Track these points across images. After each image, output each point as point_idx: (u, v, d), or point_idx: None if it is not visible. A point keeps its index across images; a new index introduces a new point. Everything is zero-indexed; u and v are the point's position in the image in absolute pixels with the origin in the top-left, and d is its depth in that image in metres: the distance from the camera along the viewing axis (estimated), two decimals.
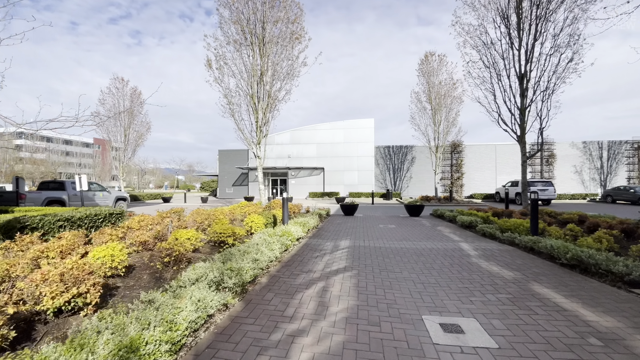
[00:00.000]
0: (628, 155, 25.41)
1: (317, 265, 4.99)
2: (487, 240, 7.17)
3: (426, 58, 23.29)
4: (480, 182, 27.36)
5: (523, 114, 10.69)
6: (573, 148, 26.03)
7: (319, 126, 29.45)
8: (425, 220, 11.33)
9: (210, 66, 12.38)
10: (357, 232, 8.67)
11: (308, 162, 29.24)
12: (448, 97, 22.40)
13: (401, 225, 10.20)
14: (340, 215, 13.32)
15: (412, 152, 28.77)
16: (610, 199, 22.35)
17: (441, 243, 6.85)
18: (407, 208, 12.93)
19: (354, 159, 28.67)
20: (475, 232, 8.43)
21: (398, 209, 17.22)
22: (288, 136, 29.85)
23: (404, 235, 8.08)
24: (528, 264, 4.97)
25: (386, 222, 10.87)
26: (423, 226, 9.86)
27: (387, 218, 12.32)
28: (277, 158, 29.91)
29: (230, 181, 31.85)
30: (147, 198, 28.98)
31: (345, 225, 10.05)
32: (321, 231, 8.70)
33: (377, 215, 13.40)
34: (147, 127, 30.23)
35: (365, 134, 28.47)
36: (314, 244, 6.69)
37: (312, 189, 29.20)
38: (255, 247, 4.82)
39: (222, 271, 3.54)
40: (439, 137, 22.87)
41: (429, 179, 27.90)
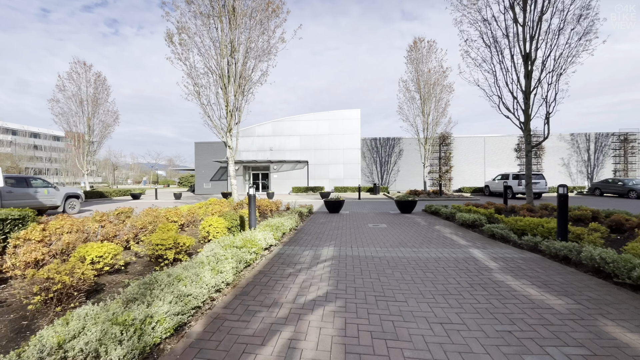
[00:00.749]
0: (614, 147, 25.25)
1: (286, 292, 3.53)
2: (499, 245, 5.92)
3: (415, 44, 22.02)
4: (469, 176, 26.64)
5: (528, 97, 9.53)
6: (561, 140, 25.63)
7: (303, 117, 27.82)
8: (419, 218, 10.08)
9: (171, 40, 10.55)
10: (343, 234, 7.27)
11: (291, 155, 27.62)
12: (438, 85, 21.27)
13: (393, 224, 8.88)
14: (324, 213, 11.91)
15: (400, 144, 27.67)
16: (598, 192, 22.03)
17: (447, 249, 5.53)
18: (398, 204, 11.66)
19: (339, 151, 27.27)
20: (481, 233, 7.19)
21: (387, 205, 16.00)
22: (269, 127, 28.06)
23: (399, 238, 6.73)
24: (573, 283, 3.70)
25: (376, 221, 9.54)
26: (418, 225, 8.58)
27: (376, 215, 11.01)
28: (258, 151, 28.12)
29: (208, 176, 29.82)
30: (116, 194, 26.60)
31: (329, 226, 8.64)
32: (300, 234, 7.24)
33: (365, 212, 12.08)
34: (115, 117, 27.68)
35: (351, 125, 27.08)
36: (288, 255, 5.22)
37: (295, 183, 27.66)
38: (195, 269, 3.30)
39: (108, 329, 2.01)
40: (428, 128, 21.77)
41: (417, 172, 26.92)
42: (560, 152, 25.61)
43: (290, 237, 6.87)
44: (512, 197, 20.09)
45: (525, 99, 9.59)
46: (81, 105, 25.84)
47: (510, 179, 20.36)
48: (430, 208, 11.24)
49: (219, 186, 29.57)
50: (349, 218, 10.33)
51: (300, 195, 24.83)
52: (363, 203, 17.32)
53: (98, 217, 6.10)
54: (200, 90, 10.66)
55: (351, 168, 27.15)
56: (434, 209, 10.96)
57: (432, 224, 8.72)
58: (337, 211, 11.93)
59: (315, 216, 10.87)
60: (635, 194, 19.20)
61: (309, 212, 11.27)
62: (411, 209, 11.54)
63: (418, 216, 10.60)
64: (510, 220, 6.90)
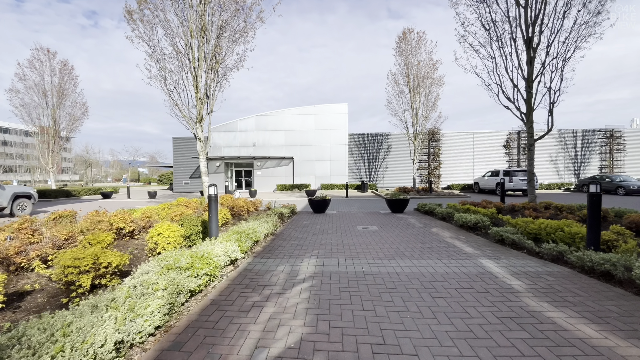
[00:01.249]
0: (600, 144, 25.26)
1: (241, 341, 2.41)
2: (513, 253, 4.99)
3: (404, 35, 21.12)
4: (458, 172, 26.12)
5: (530, 86, 8.70)
6: (549, 136, 25.39)
7: (287, 111, 26.55)
8: (413, 219, 9.15)
9: (132, 17, 9.14)
10: (328, 240, 6.20)
11: (275, 151, 26.35)
12: (427, 78, 20.47)
13: (385, 226, 7.89)
14: (308, 213, 10.82)
15: (388, 140, 26.84)
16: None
17: (454, 261, 4.54)
18: (388, 203, 10.70)
19: (326, 147, 26.20)
20: (485, 237, 6.29)
21: (376, 203, 15.07)
22: (253, 122, 26.65)
23: (394, 244, 5.72)
24: (635, 314, 2.75)
25: (365, 222, 8.53)
26: (413, 228, 7.62)
27: (365, 215, 10.01)
28: (240, 146, 26.68)
29: (187, 173, 28.16)
30: (85, 193, 24.60)
31: (313, 229, 7.55)
32: (278, 241, 6.12)
33: (353, 212, 11.06)
34: (84, 110, 25.58)
35: (338, 120, 26.04)
36: (257, 272, 4.10)
37: (280, 180, 26.43)
38: (94, 315, 2.14)
39: None
40: (417, 122, 20.97)
41: (406, 169, 26.20)
42: (548, 149, 25.44)
43: (266, 245, 5.74)
44: None
45: (527, 88, 8.75)
46: (44, 97, 23.65)
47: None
48: (424, 207, 10.34)
49: (199, 184, 27.94)
50: (336, 219, 9.28)
51: (285, 194, 23.64)
52: (351, 201, 16.33)
53: (17, 224, 4.78)
54: (166, 75, 9.31)
55: (338, 165, 26.14)
56: (427, 208, 10.06)
57: (428, 226, 7.77)
58: (322, 211, 10.87)
59: (298, 217, 9.77)
60: (623, 191, 19.05)
61: (291, 213, 10.15)
62: (403, 208, 10.60)
63: (411, 216, 9.66)
64: (519, 222, 6.01)
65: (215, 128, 26.88)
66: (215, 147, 26.85)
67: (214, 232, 4.62)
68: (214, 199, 4.65)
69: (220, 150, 26.79)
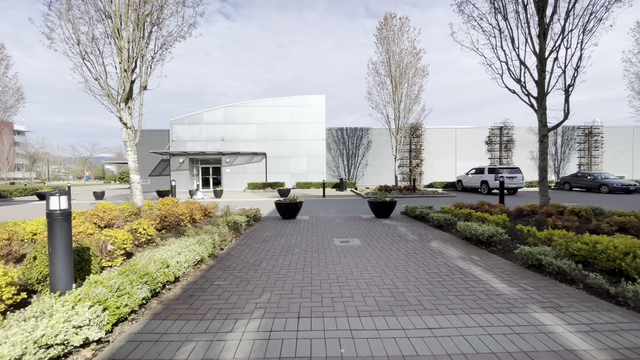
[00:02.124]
0: (579, 141, 25.06)
1: None
2: (571, 293, 3.26)
3: (386, 21, 19.45)
4: (439, 170, 25.02)
5: (543, 63, 7.14)
6: (530, 133, 24.89)
7: (259, 102, 24.21)
8: (402, 226, 7.38)
9: None
10: (291, 268, 4.23)
11: (246, 147, 23.97)
12: (410, 68, 18.96)
13: (370, 238, 6.04)
14: (276, 219, 8.79)
15: (369, 135, 25.23)
16: (568, 186, 21.39)
17: (493, 318, 2.73)
18: (372, 206, 8.90)
19: (302, 142, 24.16)
20: (505, 257, 4.60)
21: (356, 204, 13.29)
22: (220, 114, 24.08)
23: (387, 273, 3.86)
24: None
25: (345, 232, 6.66)
26: (406, 241, 5.83)
27: (345, 222, 8.15)
28: (207, 141, 24.04)
29: (146, 170, 25.10)
30: (20, 194, 21.05)
31: (274, 246, 5.56)
32: (214, 272, 4.06)
33: (330, 217, 9.16)
34: (18, 97, 21.88)
35: (315, 113, 24.07)
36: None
37: (251, 179, 24.11)
38: None
39: None
40: (399, 116, 19.44)
41: (387, 166, 24.73)
42: (530, 145, 24.91)
43: (190, 282, 3.67)
44: (488, 192, 18.52)
45: (539, 66, 7.19)
46: None
47: (486, 173, 18.79)
48: (414, 211, 8.64)
49: (160, 182, 25.02)
50: (308, 228, 7.33)
51: (256, 193, 21.41)
52: (328, 202, 14.46)
53: None
54: (80, 38, 6.89)
55: (315, 161, 24.21)
56: (418, 212, 8.36)
57: (424, 238, 6.01)
58: (292, 216, 8.88)
59: (261, 225, 7.72)
60: (606, 189, 18.53)
61: (253, 219, 8.09)
62: (389, 212, 8.85)
63: (399, 223, 7.90)
64: (556, 238, 4.35)
65: (178, 120, 24.05)
66: (178, 142, 24.04)
67: (61, 283, 2.49)
68: (59, 220, 2.49)
69: (183, 145, 24.01)
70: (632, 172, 24.77)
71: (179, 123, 24.03)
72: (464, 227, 5.74)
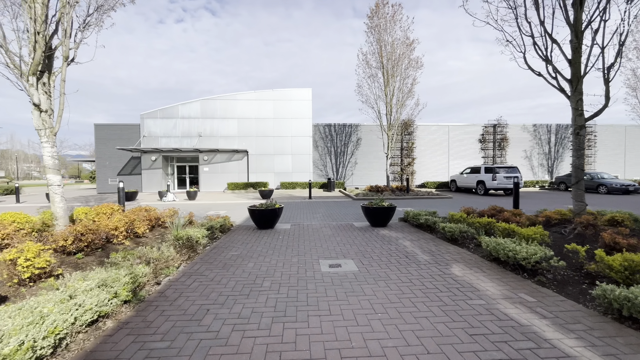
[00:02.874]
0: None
1: None
2: None
3: (377, 7, 17.98)
4: (431, 169, 23.86)
5: (579, 38, 5.77)
6: (524, 131, 24.08)
7: (240, 95, 22.33)
8: (406, 240, 5.89)
9: None
10: (251, 324, 2.61)
11: (226, 143, 22.07)
12: (404, 58, 17.58)
13: (369, 259, 4.50)
14: (250, 229, 7.12)
15: (358, 132, 23.77)
16: (563, 186, 20.60)
17: None
18: (367, 213, 7.37)
19: (286, 139, 22.45)
20: (559, 292, 3.14)
21: (346, 207, 11.77)
22: (197, 107, 22.05)
23: (409, 335, 2.30)
24: None
25: (336, 249, 5.09)
26: (417, 264, 4.33)
27: (334, 233, 6.58)
28: (182, 137, 21.97)
29: (114, 169, 22.79)
30: None
31: (237, 274, 3.91)
32: (118, 339, 2.41)
33: (316, 226, 7.56)
34: None
35: (301, 107, 22.40)
36: None
37: (232, 178, 22.23)
38: None
39: None
40: (392, 111, 18.05)
41: (377, 164, 23.36)
42: (523, 144, 24.10)
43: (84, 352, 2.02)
44: (485, 193, 17.40)
45: (574, 41, 5.82)
46: None
47: (483, 173, 17.66)
48: (417, 218, 7.17)
49: (131, 182, 22.76)
50: (288, 243, 5.72)
51: (236, 194, 19.60)
52: (315, 205, 12.88)
53: None
54: None
55: (301, 160, 22.56)
56: (423, 219, 6.89)
57: (441, 260, 4.50)
58: (270, 226, 7.24)
59: (228, 239, 6.05)
60: (605, 189, 17.75)
61: (219, 231, 6.42)
62: (387, 219, 7.34)
63: (402, 234, 6.41)
64: None
65: (149, 114, 21.87)
66: (150, 137, 21.86)
67: None
68: None
69: (156, 141, 21.86)
70: (624, 171, 24.37)
71: (151, 117, 21.85)
72: (495, 246, 4.27)
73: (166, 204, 14.86)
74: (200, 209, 12.07)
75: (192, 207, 12.59)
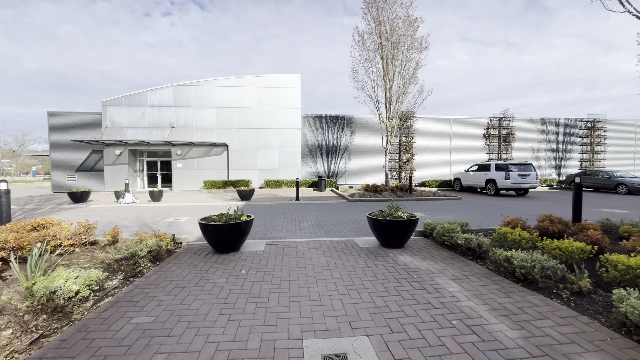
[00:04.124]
0: (582, 135, 22.77)
1: None
2: None
3: None
4: (431, 166, 21.80)
5: None
6: (531, 125, 22.28)
7: (219, 81, 19.65)
8: (446, 276, 3.60)
9: None
10: None
11: (203, 136, 19.41)
12: (406, 38, 15.32)
13: (402, 335, 2.13)
14: (203, 253, 4.69)
15: (352, 124, 21.44)
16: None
17: None
18: (377, 228, 5.05)
19: (272, 132, 19.95)
20: None
21: (341, 211, 9.44)
22: (169, 94, 19.28)
23: None
24: None
25: (335, 306, 2.69)
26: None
27: (329, 261, 4.25)
28: (152, 128, 19.18)
29: (73, 164, 19.82)
30: None
31: None
32: None
33: (301, 246, 5.18)
34: None
35: (289, 96, 19.92)
36: None
37: (209, 175, 19.61)
38: None
39: None
40: (392, 99, 15.80)
41: (373, 160, 21.14)
42: (530, 139, 22.31)
43: None
44: (495, 193, 15.38)
45: None
46: None
47: (493, 170, 15.62)
48: (450, 236, 4.89)
49: (93, 180, 19.85)
50: (252, 289, 3.33)
51: (213, 194, 17.04)
52: (303, 209, 10.50)
53: None
54: None
55: (288, 155, 20.10)
56: (461, 239, 4.60)
57: (542, 341, 2.20)
58: (233, 248, 4.83)
59: (156, 277, 3.62)
60: (625, 189, 15.99)
61: (148, 259, 3.98)
62: (406, 238, 5.03)
63: (432, 264, 4.11)
64: None
65: (113, 101, 18.96)
66: (113, 128, 18.97)
67: None
68: None
69: (121, 133, 19.00)
70: (634, 168, 22.90)
71: (114, 105, 18.95)
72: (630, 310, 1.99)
73: (123, 206, 12.24)
74: (160, 214, 9.57)
75: (152, 211, 10.06)
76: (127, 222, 8.14)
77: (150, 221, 8.41)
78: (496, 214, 9.28)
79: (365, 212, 9.94)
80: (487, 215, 9.14)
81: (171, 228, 7.35)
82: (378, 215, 5.19)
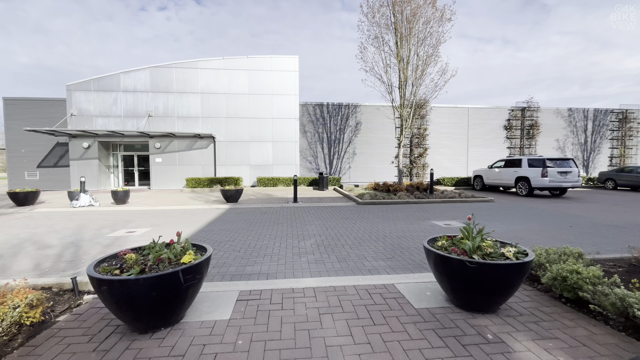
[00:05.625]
0: (612, 128, 20.45)
1: None
2: None
3: None
4: (445, 161, 19.37)
5: None
6: (558, 116, 19.92)
7: (205, 63, 16.99)
8: None
9: None
10: None
11: (185, 126, 16.80)
12: (426, 9, 12.80)
13: None
14: (113, 332, 2.21)
15: (357, 114, 18.90)
16: (611, 184, 16.49)
17: None
18: (449, 271, 2.58)
19: (266, 122, 17.38)
20: None
21: (354, 220, 6.99)
22: (146, 77, 16.60)
23: None
24: None
25: None
26: None
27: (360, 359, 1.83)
28: (126, 117, 16.52)
29: (34, 159, 17.14)
30: None
31: None
32: None
33: (301, 308, 2.72)
34: None
35: (285, 80, 17.33)
36: None
37: (194, 172, 17.04)
38: None
39: None
40: (407, 82, 13.31)
41: (382, 155, 18.67)
42: (556, 132, 19.96)
43: None
44: (528, 194, 12.97)
45: None
46: None
47: (525, 167, 13.21)
48: (594, 293, 2.43)
49: (57, 177, 17.18)
50: None
51: (197, 194, 14.51)
52: (303, 216, 8.02)
53: None
54: None
55: (285, 148, 17.55)
56: (609, 303, 2.15)
57: None
58: (165, 320, 2.32)
59: None
60: None
61: None
62: (507, 295, 2.56)
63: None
64: None
65: (80, 85, 16.25)
66: (80, 117, 16.28)
67: None
68: None
69: (90, 122, 16.32)
70: None
71: (81, 89, 16.24)
72: None
73: (76, 210, 9.70)
74: (113, 223, 7.04)
75: (106, 219, 7.53)
76: (55, 239, 5.62)
77: (92, 235, 5.91)
78: (557, 223, 6.87)
79: (383, 218, 7.46)
80: (546, 224, 6.73)
81: (110, 249, 4.85)
82: (450, 247, 2.72)
